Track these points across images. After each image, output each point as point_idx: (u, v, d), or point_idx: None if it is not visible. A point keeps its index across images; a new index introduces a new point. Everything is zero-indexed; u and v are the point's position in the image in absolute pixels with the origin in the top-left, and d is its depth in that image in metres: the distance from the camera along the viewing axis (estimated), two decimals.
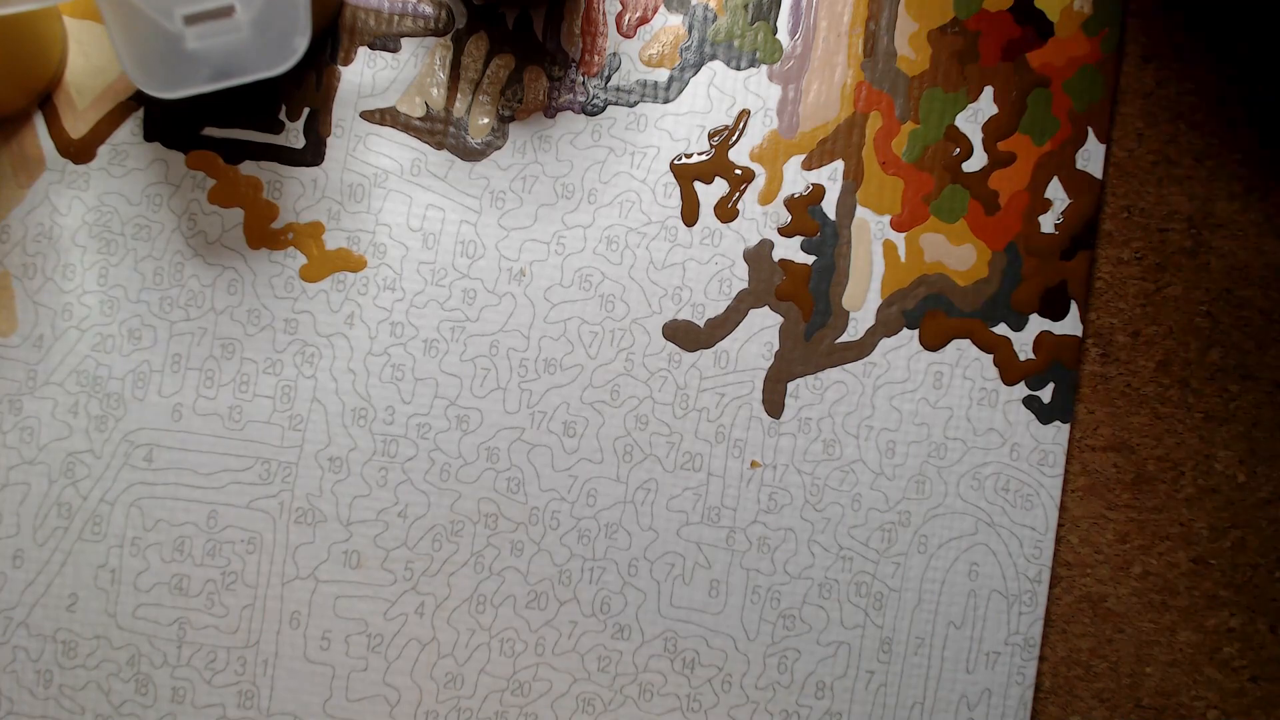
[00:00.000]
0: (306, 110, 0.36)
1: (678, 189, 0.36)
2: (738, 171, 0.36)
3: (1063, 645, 0.36)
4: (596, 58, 0.36)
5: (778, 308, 0.36)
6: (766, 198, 0.36)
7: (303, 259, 0.36)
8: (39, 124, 0.36)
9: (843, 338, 0.36)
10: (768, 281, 0.36)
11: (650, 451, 0.36)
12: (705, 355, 0.36)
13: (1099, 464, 0.36)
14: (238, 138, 0.36)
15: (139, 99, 0.36)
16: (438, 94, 0.36)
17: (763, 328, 0.36)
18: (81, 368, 0.35)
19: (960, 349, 0.36)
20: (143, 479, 0.35)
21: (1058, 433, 0.36)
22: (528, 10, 0.36)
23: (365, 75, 0.36)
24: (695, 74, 0.36)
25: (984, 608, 0.36)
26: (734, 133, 0.36)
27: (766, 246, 0.36)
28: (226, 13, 0.30)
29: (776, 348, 0.36)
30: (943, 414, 0.36)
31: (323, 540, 0.36)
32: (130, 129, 0.36)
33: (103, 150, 0.36)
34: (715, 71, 0.36)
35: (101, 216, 0.36)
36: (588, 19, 0.36)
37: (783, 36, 0.36)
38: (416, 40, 0.36)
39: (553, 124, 0.36)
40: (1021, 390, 0.36)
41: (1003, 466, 0.36)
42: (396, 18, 0.36)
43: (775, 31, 0.36)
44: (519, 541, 0.36)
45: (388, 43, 0.36)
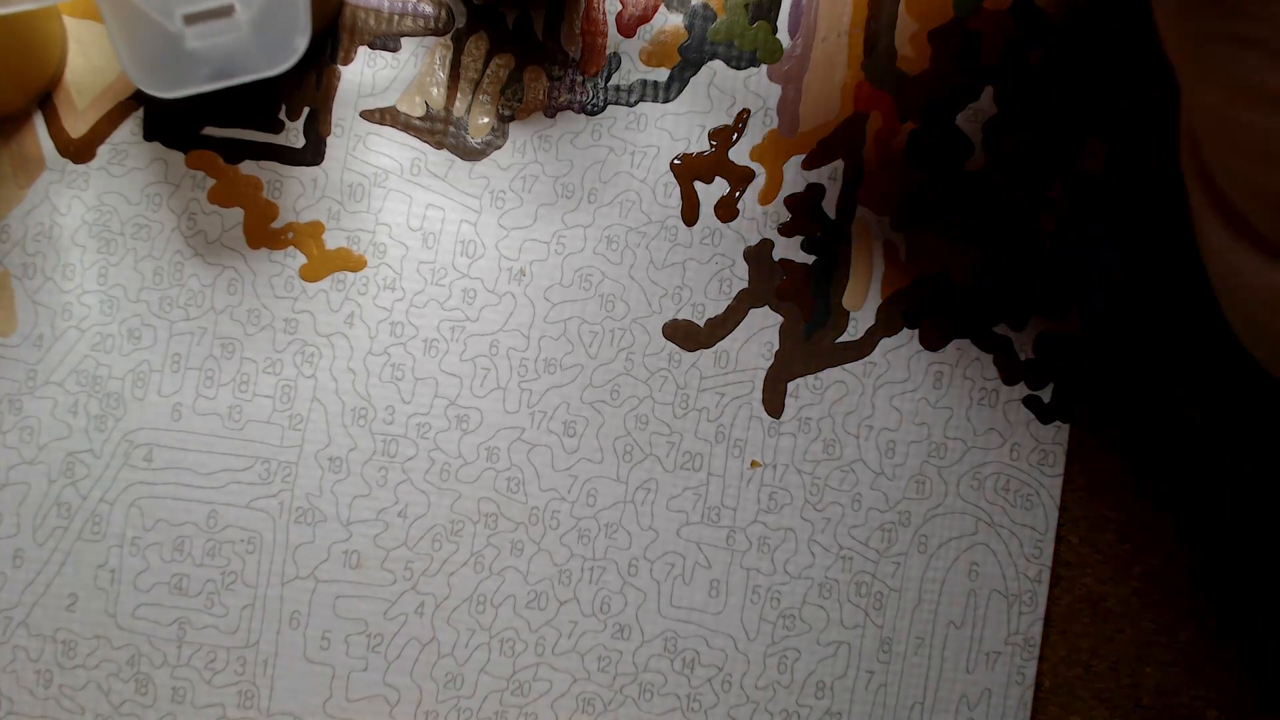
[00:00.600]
0: (306, 110, 0.36)
1: (678, 188, 0.36)
2: (738, 171, 0.36)
3: (1063, 645, 0.36)
4: (597, 57, 0.36)
5: (778, 307, 0.36)
6: (767, 197, 0.36)
7: (303, 259, 0.36)
8: (39, 124, 0.36)
9: (843, 337, 0.36)
10: (768, 281, 0.36)
11: (650, 451, 0.36)
12: (705, 355, 0.36)
13: (1100, 463, 0.36)
14: (238, 137, 0.36)
15: (139, 99, 0.36)
16: (438, 94, 0.36)
17: (763, 327, 0.36)
18: (81, 367, 0.35)
19: (961, 349, 0.36)
20: (142, 479, 0.35)
21: (1058, 432, 0.36)
22: (528, 10, 0.36)
23: (365, 75, 0.36)
24: (695, 73, 0.36)
25: (984, 607, 0.36)
26: (734, 132, 0.36)
27: (767, 246, 0.36)
28: (226, 12, 0.30)
29: (776, 347, 0.36)
30: (943, 414, 0.36)
31: (323, 540, 0.36)
32: (130, 129, 0.36)
33: (102, 150, 0.36)
34: (715, 71, 0.36)
35: (101, 216, 0.36)
36: (588, 18, 0.36)
37: (783, 36, 0.36)
38: (416, 40, 0.36)
39: (553, 124, 0.36)
40: (1022, 390, 0.36)
41: (1003, 466, 0.36)
42: (396, 17, 0.36)
43: (775, 31, 0.36)
44: (519, 541, 0.36)
45: (388, 42, 0.36)
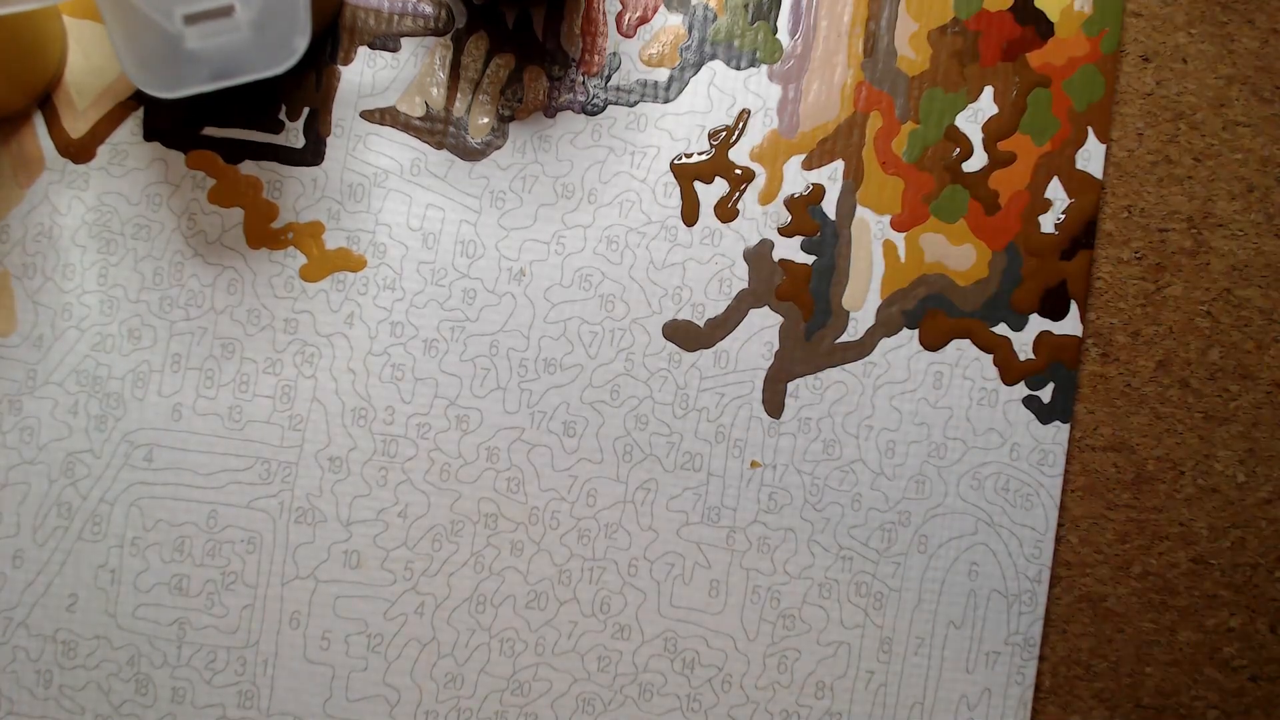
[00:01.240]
0: (306, 110, 0.36)
1: (678, 189, 0.36)
2: (738, 171, 0.36)
3: (1062, 645, 0.36)
4: (596, 57, 0.36)
5: (778, 308, 0.36)
6: (766, 198, 0.36)
7: (303, 259, 0.36)
8: (39, 124, 0.36)
9: (843, 338, 0.36)
10: (768, 281, 0.36)
11: (650, 451, 0.36)
12: (705, 355, 0.36)
13: (1099, 464, 0.36)
14: (237, 137, 0.36)
15: (139, 99, 0.36)
16: (438, 94, 0.36)
17: (763, 327, 0.36)
18: (81, 367, 0.35)
19: (960, 349, 0.36)
20: (143, 479, 0.35)
21: (1057, 432, 0.36)
22: (528, 10, 0.36)
23: (365, 75, 0.36)
24: (695, 74, 0.36)
25: (984, 607, 0.36)
26: (734, 132, 0.36)
27: (766, 246, 0.36)
28: (226, 12, 0.30)
29: (776, 347, 0.36)
30: (943, 414, 0.36)
31: (323, 540, 0.36)
32: (130, 129, 0.36)
33: (102, 150, 0.36)
34: (715, 71, 0.36)
35: (101, 216, 0.36)
36: (588, 19, 0.36)
37: (783, 36, 0.36)
38: (416, 40, 0.36)
39: (553, 124, 0.36)
40: (1021, 390, 0.36)
41: (1003, 466, 0.36)
42: (396, 17, 0.36)
43: (775, 31, 0.36)
44: (519, 541, 0.36)
45: (388, 42, 0.36)
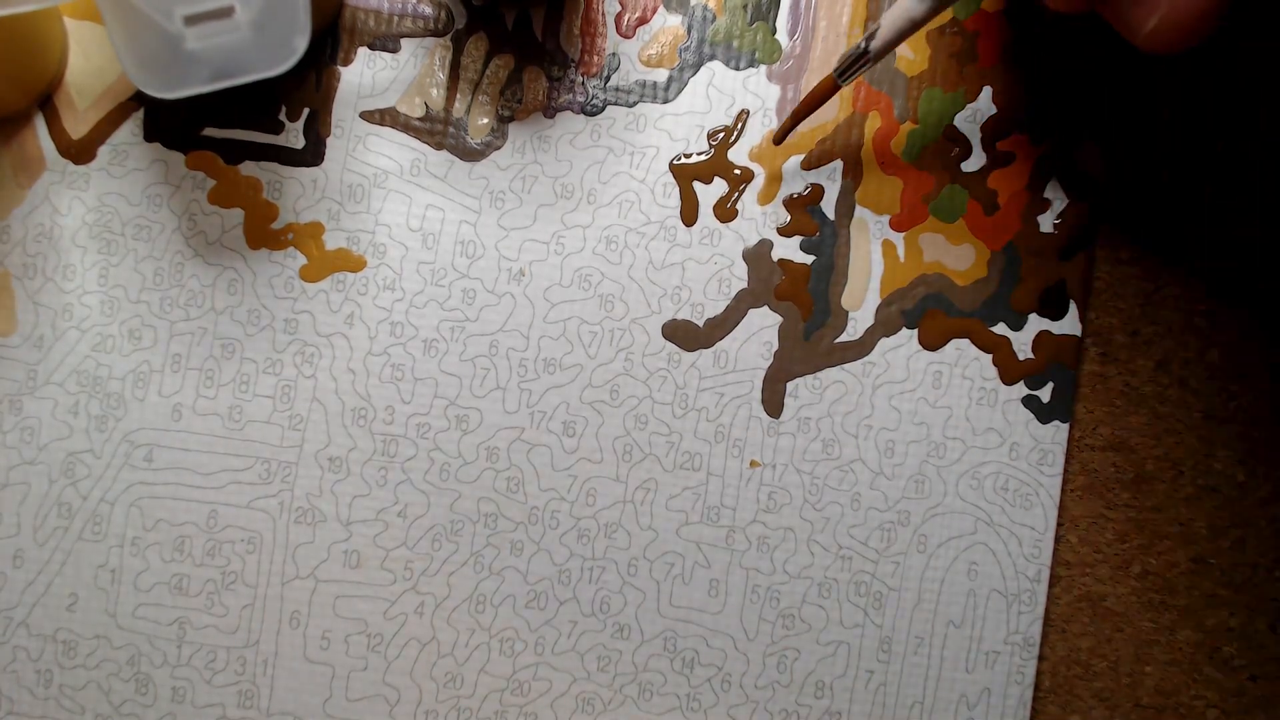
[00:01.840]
0: (306, 110, 0.36)
1: (677, 189, 0.36)
2: (737, 171, 0.36)
3: (1062, 645, 0.36)
4: (596, 58, 0.36)
5: (777, 307, 0.36)
6: (765, 198, 0.36)
7: (303, 259, 0.36)
8: (39, 124, 0.36)
9: (842, 337, 0.36)
10: (767, 281, 0.36)
11: (650, 451, 0.36)
12: (705, 355, 0.36)
13: (1098, 463, 0.36)
14: (238, 138, 0.36)
15: (139, 99, 0.36)
16: (437, 94, 0.36)
17: (762, 327, 0.36)
18: (81, 368, 0.35)
19: (959, 349, 0.36)
20: (143, 479, 0.35)
21: (1057, 432, 0.36)
22: (527, 10, 0.36)
23: (365, 75, 0.36)
24: (694, 74, 0.36)
25: (983, 607, 0.36)
26: (733, 133, 0.36)
27: (766, 246, 0.36)
28: (226, 13, 0.30)
29: (776, 347, 0.36)
30: (942, 414, 0.36)
31: (323, 540, 0.36)
32: (130, 129, 0.36)
33: (103, 151, 0.36)
34: (714, 72, 0.36)
35: (102, 217, 0.36)
36: (587, 19, 0.36)
37: (782, 37, 0.36)
38: (416, 41, 0.36)
39: (552, 124, 0.36)
40: (1021, 390, 0.36)
41: (1002, 466, 0.36)
42: (396, 18, 0.36)
43: (774, 32, 0.36)
44: (519, 541, 0.36)
45: (387, 43, 0.36)
